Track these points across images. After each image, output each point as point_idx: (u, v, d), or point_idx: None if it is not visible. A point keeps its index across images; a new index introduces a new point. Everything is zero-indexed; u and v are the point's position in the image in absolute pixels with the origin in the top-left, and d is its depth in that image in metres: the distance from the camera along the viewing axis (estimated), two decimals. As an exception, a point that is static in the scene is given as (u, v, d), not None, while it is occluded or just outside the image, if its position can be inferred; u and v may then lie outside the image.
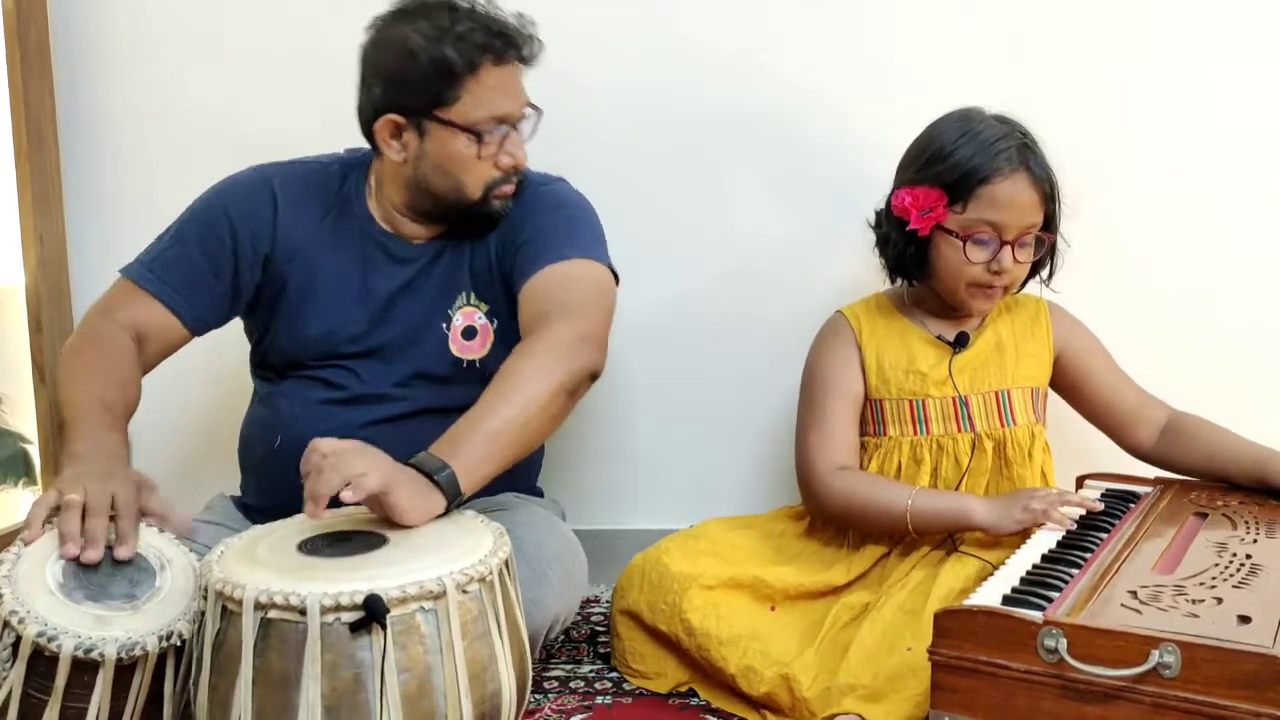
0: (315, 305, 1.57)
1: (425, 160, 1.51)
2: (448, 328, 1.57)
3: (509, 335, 1.52)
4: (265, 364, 1.64)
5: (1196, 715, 1.06)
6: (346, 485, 1.18)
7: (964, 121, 1.57)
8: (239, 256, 1.56)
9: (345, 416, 1.54)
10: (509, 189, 1.55)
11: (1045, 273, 1.65)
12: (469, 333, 1.57)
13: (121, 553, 1.20)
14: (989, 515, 1.50)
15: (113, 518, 1.22)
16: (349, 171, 1.63)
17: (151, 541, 1.25)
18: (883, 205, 1.65)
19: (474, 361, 1.57)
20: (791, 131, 1.91)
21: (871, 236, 1.68)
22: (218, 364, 1.66)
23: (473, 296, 1.58)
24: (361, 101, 1.53)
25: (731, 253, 1.95)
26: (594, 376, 1.44)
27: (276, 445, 1.55)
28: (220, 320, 1.60)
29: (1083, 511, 1.49)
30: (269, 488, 1.57)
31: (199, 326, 1.57)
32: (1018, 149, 1.54)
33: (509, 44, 1.48)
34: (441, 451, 1.28)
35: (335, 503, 1.21)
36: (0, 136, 1.92)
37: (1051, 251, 1.63)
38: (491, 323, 1.58)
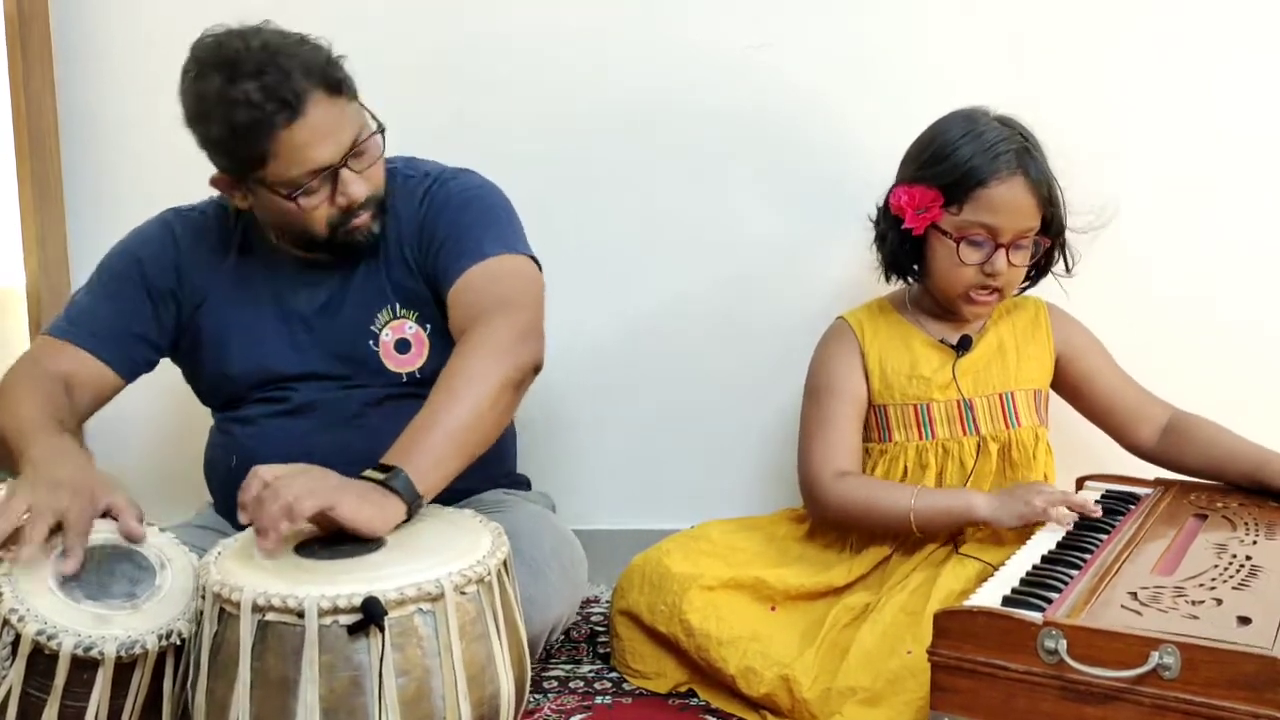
0: (235, 343, 1.55)
1: (264, 211, 1.48)
2: (376, 344, 1.54)
3: (446, 338, 1.48)
4: (208, 403, 1.63)
5: (1196, 716, 1.06)
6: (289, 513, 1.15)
7: (967, 122, 1.57)
8: (153, 297, 1.54)
9: (293, 427, 1.52)
10: (360, 220, 1.48)
11: (1061, 269, 1.65)
12: (402, 345, 1.54)
13: (68, 566, 1.17)
14: (991, 509, 1.50)
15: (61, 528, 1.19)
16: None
17: (152, 540, 1.25)
18: (882, 201, 1.65)
19: (413, 373, 1.54)
20: (792, 132, 1.91)
21: (872, 236, 1.68)
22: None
23: (398, 308, 1.54)
24: None
25: (732, 253, 1.95)
26: (537, 369, 1.42)
27: (232, 466, 1.54)
28: (147, 363, 1.57)
29: (1078, 515, 1.48)
30: (234, 508, 1.56)
31: (126, 370, 1.54)
32: (1016, 152, 1.53)
33: (289, 103, 1.36)
34: (394, 457, 1.26)
35: None
36: (1, 138, 1.92)
37: (1062, 248, 1.63)
38: (424, 329, 1.54)
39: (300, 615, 1.07)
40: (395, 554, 1.18)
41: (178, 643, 1.17)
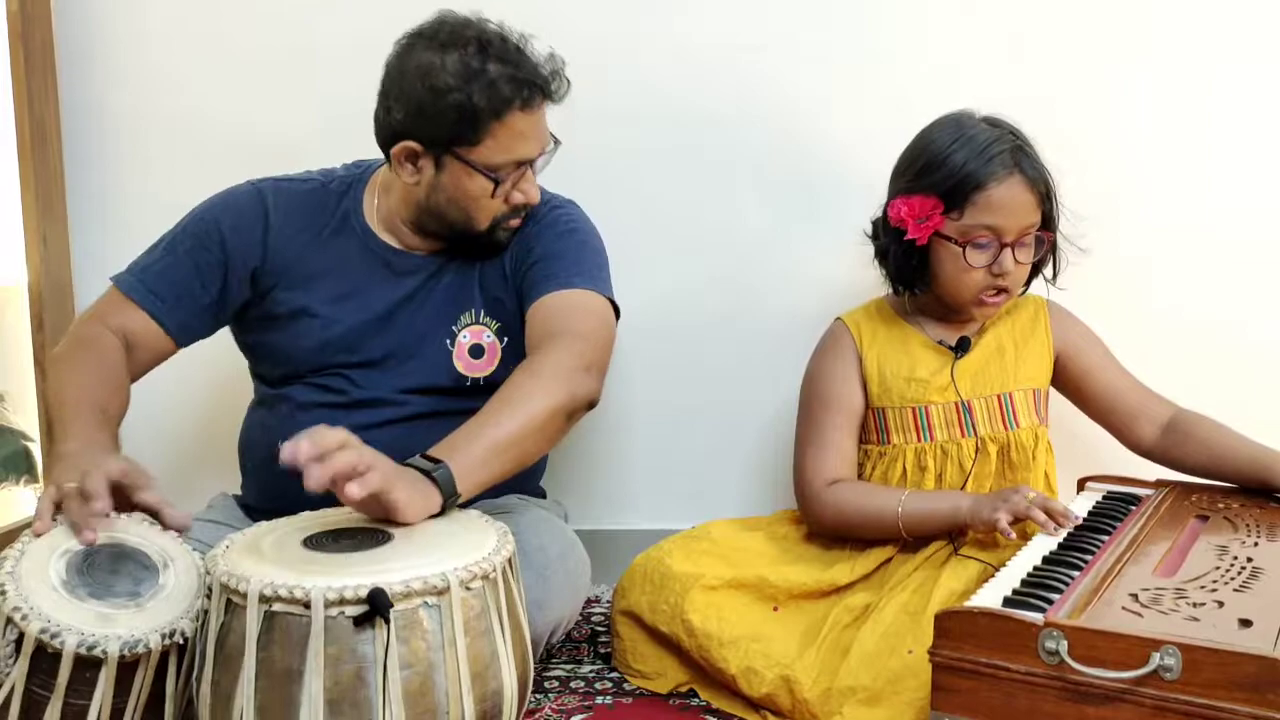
0: (309, 321, 1.57)
1: (438, 190, 1.51)
2: (452, 344, 1.57)
3: (519, 353, 1.53)
4: (260, 374, 1.64)
5: (1197, 718, 1.06)
6: (354, 474, 1.18)
7: (955, 127, 1.57)
8: (229, 270, 1.56)
9: (344, 420, 1.50)
10: (515, 222, 1.56)
11: (1049, 271, 1.65)
12: (476, 351, 1.57)
13: (85, 536, 1.18)
14: (971, 511, 1.51)
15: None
16: (348, 188, 1.63)
17: (155, 539, 1.25)
18: (879, 216, 1.65)
19: (479, 379, 1.57)
20: (792, 132, 1.91)
21: (872, 250, 1.68)
22: (218, 364, 1.66)
23: (482, 314, 1.58)
24: (380, 117, 1.52)
25: (733, 253, 1.95)
26: (591, 405, 1.45)
27: (276, 450, 1.54)
28: (206, 332, 1.60)
29: (1061, 525, 1.46)
30: (268, 491, 1.57)
31: (184, 337, 1.57)
32: (1010, 151, 1.54)
33: (538, 90, 1.48)
34: (440, 452, 1.29)
35: (331, 501, 1.21)
36: (4, 136, 1.93)
37: (1053, 249, 1.63)
38: (501, 341, 1.58)
39: (307, 606, 1.08)
40: (401, 548, 1.18)
41: (181, 642, 1.17)
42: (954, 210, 1.55)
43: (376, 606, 1.07)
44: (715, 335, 1.97)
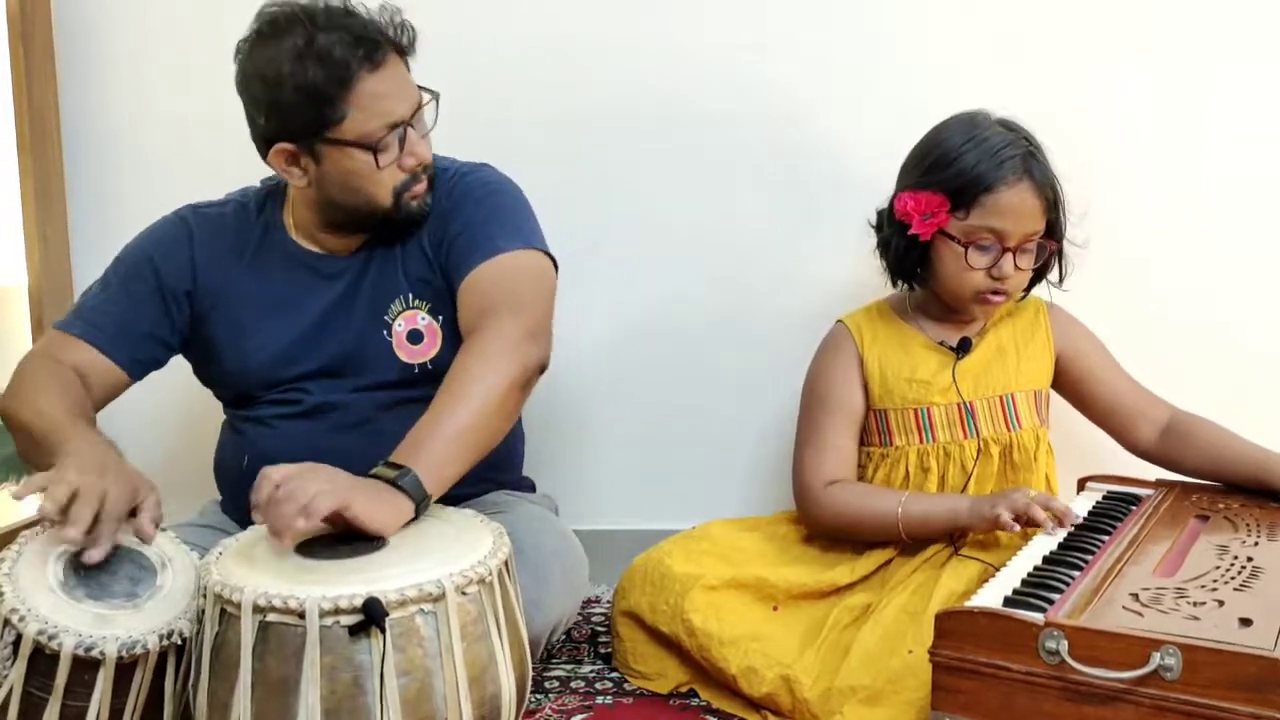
0: (247, 340, 1.55)
1: (327, 181, 1.47)
2: (389, 335, 1.54)
3: (458, 330, 1.50)
4: (221, 399, 1.64)
5: (1197, 718, 1.06)
6: (300, 510, 1.16)
7: (969, 127, 1.57)
8: (165, 297, 1.55)
9: (305, 429, 1.53)
10: (420, 187, 1.51)
11: (1055, 276, 1.65)
12: (414, 336, 1.55)
13: (93, 555, 1.18)
14: (969, 513, 1.51)
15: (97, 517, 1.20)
16: (265, 200, 1.61)
17: (154, 540, 1.25)
18: (885, 207, 1.64)
19: (425, 364, 1.54)
20: (791, 132, 1.91)
21: (874, 238, 1.68)
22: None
23: (411, 299, 1.55)
24: (251, 132, 1.49)
25: (733, 253, 1.95)
26: (542, 369, 1.43)
27: (244, 465, 1.54)
28: (156, 361, 1.57)
29: (1062, 524, 1.46)
30: (244, 505, 1.55)
31: (135, 369, 1.54)
32: (1022, 157, 1.53)
33: (377, 46, 1.42)
34: (402, 456, 1.27)
35: None
36: (4, 136, 1.92)
37: (1059, 256, 1.62)
38: (436, 320, 1.55)
39: (301, 616, 1.07)
40: (396, 554, 1.18)
41: (179, 642, 1.17)
42: (960, 210, 1.54)
43: (372, 616, 1.07)
44: (715, 335, 1.97)
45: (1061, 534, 1.44)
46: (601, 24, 1.91)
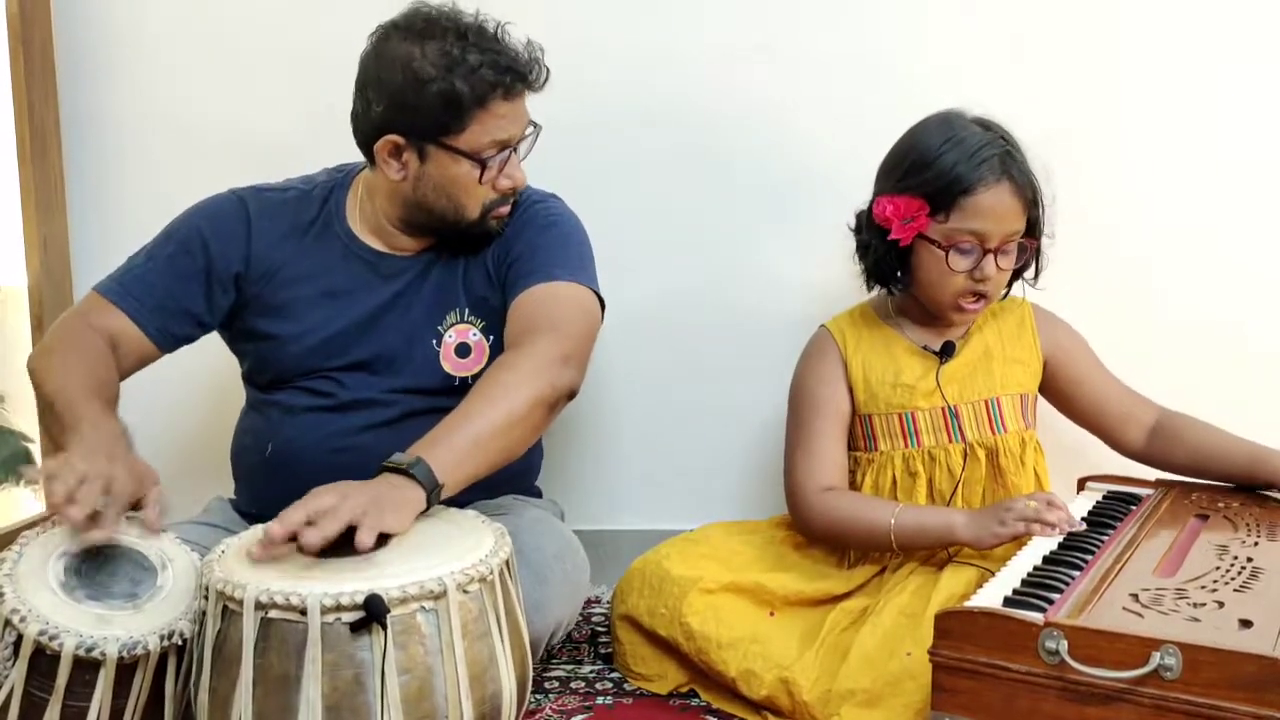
0: (294, 325, 1.56)
1: (425, 181, 1.51)
2: (438, 344, 1.56)
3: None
4: (251, 379, 1.64)
5: (1197, 718, 1.06)
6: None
7: (945, 128, 1.55)
8: (211, 276, 1.56)
9: (335, 423, 1.54)
10: (505, 210, 1.56)
11: (1030, 274, 1.64)
12: (462, 350, 1.57)
13: (96, 536, 1.19)
14: (969, 530, 1.48)
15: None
16: (330, 192, 1.62)
17: (153, 540, 1.25)
18: (864, 211, 1.63)
19: (467, 379, 1.56)
20: (791, 132, 1.91)
21: (854, 246, 1.67)
22: (213, 368, 1.67)
23: (467, 313, 1.58)
24: (359, 113, 1.51)
25: (732, 253, 1.95)
26: (572, 395, 1.44)
27: (267, 453, 1.56)
28: (188, 338, 1.59)
29: (1075, 516, 1.47)
30: (262, 495, 1.57)
31: (166, 343, 1.56)
32: (1000, 158, 1.52)
33: (519, 78, 1.48)
34: (419, 449, 1.27)
35: None
36: (4, 138, 1.92)
37: (1036, 255, 1.61)
38: (487, 339, 1.57)
39: (303, 613, 1.07)
40: (398, 552, 1.18)
41: (179, 643, 1.17)
42: (940, 213, 1.53)
43: (373, 613, 1.07)
44: (714, 336, 1.97)
45: (1061, 534, 1.44)
46: (601, 24, 1.91)
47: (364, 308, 1.56)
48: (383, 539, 1.19)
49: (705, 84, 1.91)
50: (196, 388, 1.96)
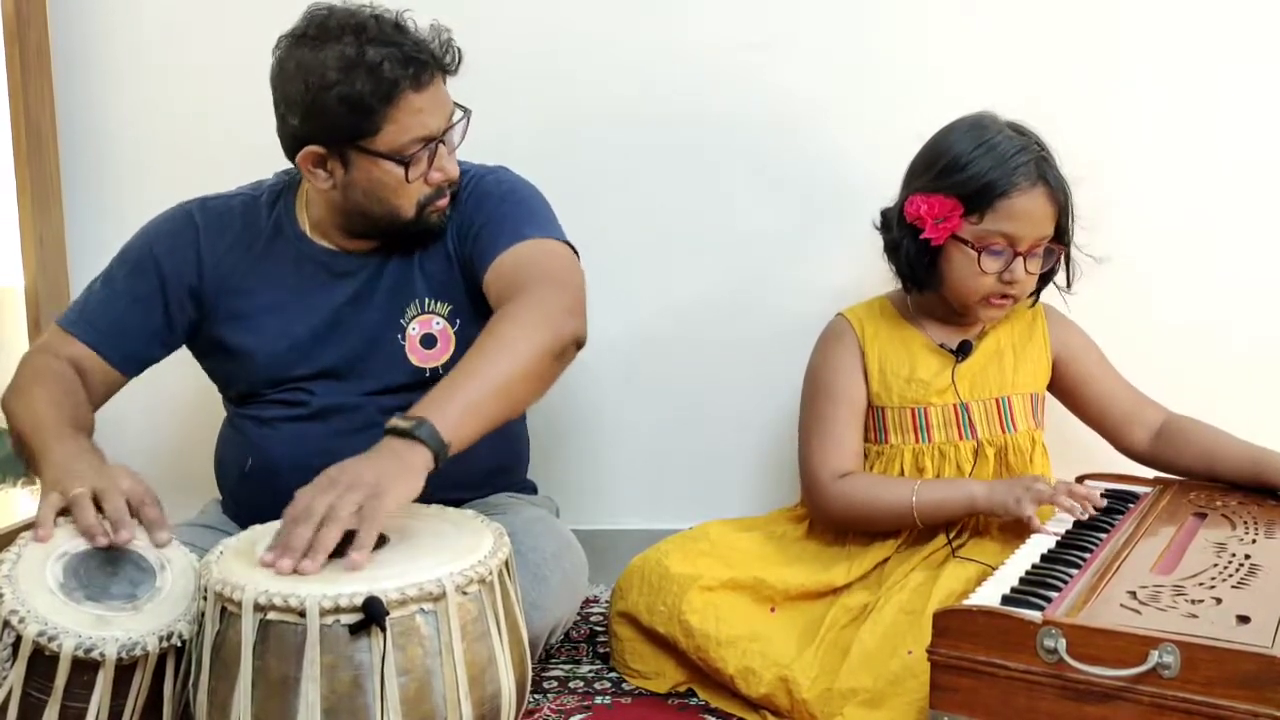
0: (254, 335, 1.55)
1: (353, 188, 1.47)
2: (402, 338, 1.54)
3: (473, 336, 1.45)
4: (225, 394, 1.64)
5: (1196, 715, 1.06)
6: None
7: (980, 130, 1.56)
8: (168, 295, 1.54)
9: (310, 432, 1.52)
10: (443, 202, 1.52)
11: (1062, 279, 1.64)
12: (428, 341, 1.54)
13: (123, 536, 1.20)
14: (989, 498, 1.51)
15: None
16: (278, 196, 1.60)
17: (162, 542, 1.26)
18: (893, 210, 1.63)
19: (437, 369, 1.53)
20: (792, 132, 1.91)
21: (873, 237, 1.67)
22: (204, 373, 1.66)
23: (429, 302, 1.55)
24: (279, 128, 1.48)
25: (732, 253, 1.95)
26: (579, 344, 1.41)
27: (247, 468, 1.55)
28: (153, 359, 1.58)
29: (1085, 509, 1.49)
30: (245, 507, 1.55)
31: (130, 368, 1.55)
32: (1035, 162, 1.53)
33: (425, 66, 1.43)
34: (421, 410, 1.24)
35: None
36: (0, 138, 1.92)
37: (1066, 261, 1.62)
38: (453, 325, 1.54)
39: (302, 614, 1.07)
40: (397, 553, 1.18)
41: (178, 644, 1.17)
42: (974, 214, 1.54)
43: (372, 615, 1.07)
44: (713, 336, 1.97)
45: (1060, 531, 1.44)
46: (602, 24, 1.91)
47: (322, 312, 1.54)
48: (381, 537, 1.19)
49: (704, 83, 1.91)
50: (188, 392, 1.95)
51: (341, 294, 1.55)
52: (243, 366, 1.56)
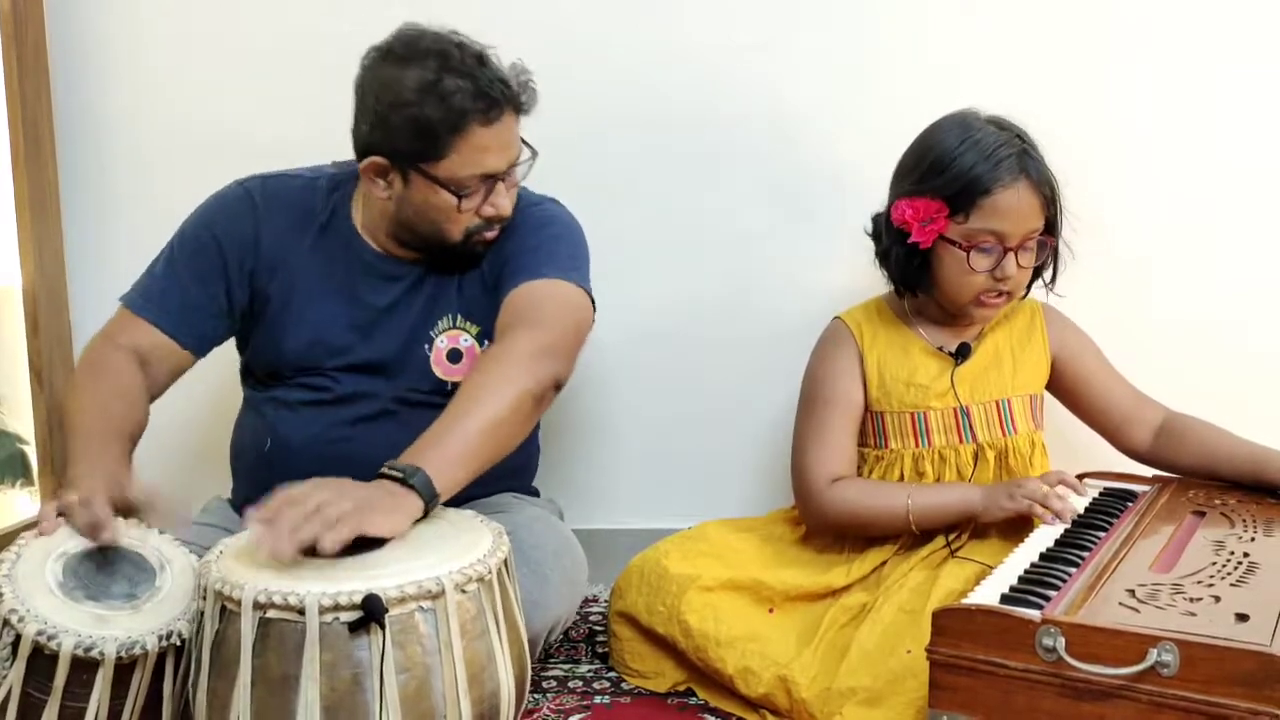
0: (298, 318, 1.57)
1: (407, 204, 1.50)
2: (430, 349, 1.57)
3: None
4: (250, 373, 1.65)
5: (1195, 714, 1.06)
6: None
7: (961, 129, 1.55)
8: (228, 274, 1.57)
9: (331, 416, 1.55)
10: (491, 234, 1.55)
11: (1048, 275, 1.64)
12: (454, 355, 1.57)
13: (104, 536, 1.21)
14: (983, 502, 1.52)
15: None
16: (337, 185, 1.62)
17: (151, 542, 1.25)
18: (882, 216, 1.63)
19: (459, 383, 1.52)
20: (792, 133, 1.91)
21: (872, 251, 1.67)
22: (211, 368, 1.66)
23: (459, 318, 1.58)
24: (354, 130, 1.52)
25: (732, 254, 1.95)
26: (559, 385, 1.44)
27: (266, 449, 1.56)
28: (221, 337, 1.61)
29: (1077, 507, 1.49)
30: (260, 492, 1.55)
31: (200, 347, 1.58)
32: (1018, 156, 1.52)
33: (497, 103, 1.45)
34: (413, 456, 1.27)
35: None
36: (-2, 137, 1.92)
37: (1054, 254, 1.62)
38: (480, 345, 1.57)
39: (301, 612, 1.07)
40: (396, 552, 1.18)
41: (178, 643, 1.17)
42: (959, 214, 1.53)
43: (371, 613, 1.07)
44: (713, 336, 1.97)
45: (1059, 530, 1.44)
46: (601, 25, 1.91)
47: (362, 309, 1.57)
48: (380, 538, 1.19)
49: (702, 83, 1.91)
50: (194, 388, 1.95)
51: (383, 297, 1.57)
52: (276, 349, 1.58)
